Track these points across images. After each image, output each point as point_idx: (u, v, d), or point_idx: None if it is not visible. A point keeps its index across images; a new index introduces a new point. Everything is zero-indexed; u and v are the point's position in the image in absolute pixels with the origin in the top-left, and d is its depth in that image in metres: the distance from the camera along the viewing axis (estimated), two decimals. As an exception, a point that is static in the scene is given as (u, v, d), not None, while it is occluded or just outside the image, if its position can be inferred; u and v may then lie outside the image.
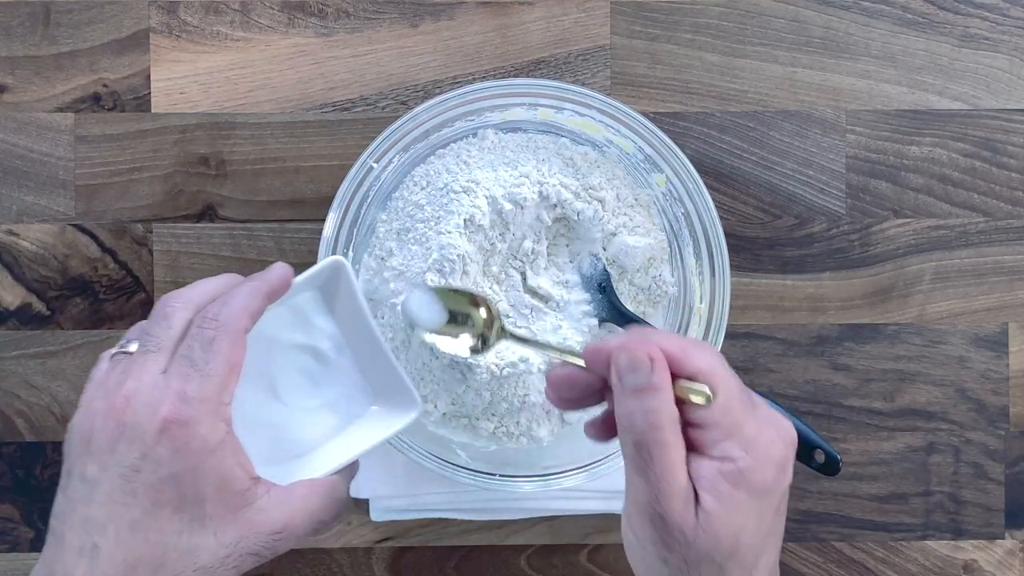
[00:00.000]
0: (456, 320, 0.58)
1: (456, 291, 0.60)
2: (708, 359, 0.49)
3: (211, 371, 0.50)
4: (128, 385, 0.50)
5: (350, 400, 0.58)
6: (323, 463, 0.56)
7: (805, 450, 0.60)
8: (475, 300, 0.59)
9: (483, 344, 0.59)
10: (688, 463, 0.48)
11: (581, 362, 0.51)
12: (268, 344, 0.57)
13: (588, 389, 0.51)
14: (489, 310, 0.59)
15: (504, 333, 0.58)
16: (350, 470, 0.57)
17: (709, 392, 0.48)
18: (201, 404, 0.49)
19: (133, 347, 0.52)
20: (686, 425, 0.48)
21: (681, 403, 0.48)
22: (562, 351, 0.54)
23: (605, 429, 0.52)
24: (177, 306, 0.52)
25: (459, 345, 0.59)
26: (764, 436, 0.49)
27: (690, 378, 0.48)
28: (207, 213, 0.73)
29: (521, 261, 0.68)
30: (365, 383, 0.59)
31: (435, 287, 0.61)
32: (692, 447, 0.49)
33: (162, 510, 0.48)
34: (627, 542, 0.51)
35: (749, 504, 0.48)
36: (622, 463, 0.65)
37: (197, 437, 0.49)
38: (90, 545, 0.48)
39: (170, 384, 0.49)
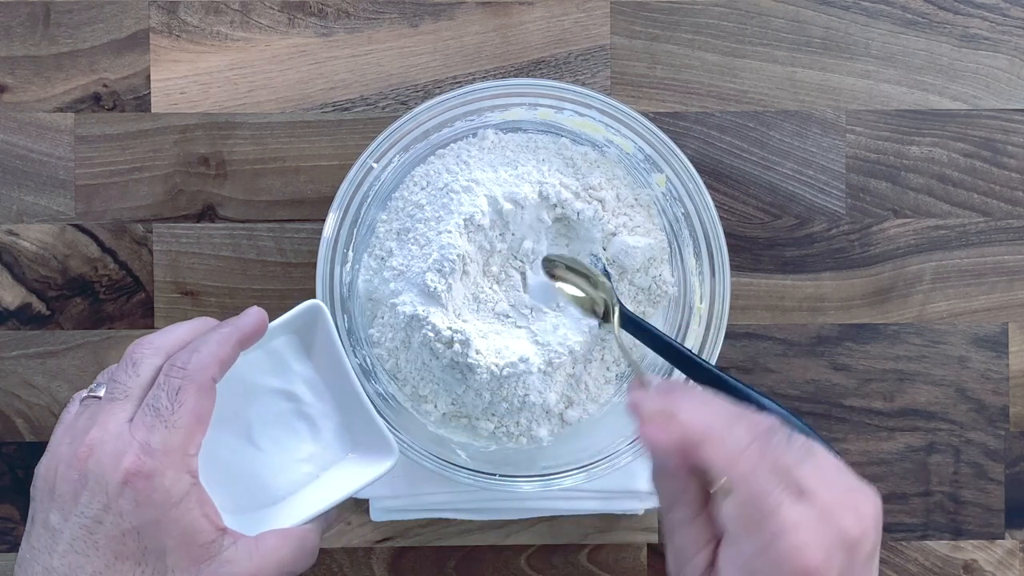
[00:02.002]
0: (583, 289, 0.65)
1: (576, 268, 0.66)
2: (726, 449, 0.46)
3: (176, 422, 0.49)
4: (93, 433, 0.49)
5: (326, 446, 0.58)
6: (295, 512, 0.55)
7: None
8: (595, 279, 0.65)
9: (604, 317, 0.65)
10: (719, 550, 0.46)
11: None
12: (244, 388, 0.56)
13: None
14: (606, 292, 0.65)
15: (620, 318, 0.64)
16: (324, 519, 0.56)
17: (729, 487, 0.46)
18: (165, 456, 0.48)
19: (101, 392, 0.51)
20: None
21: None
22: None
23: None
24: (147, 352, 0.52)
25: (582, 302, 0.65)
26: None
27: (705, 468, 0.47)
28: (207, 213, 0.73)
29: (521, 261, 0.68)
30: (343, 429, 0.59)
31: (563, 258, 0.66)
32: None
33: (123, 563, 0.48)
34: None
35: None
36: (622, 463, 0.65)
37: (160, 490, 0.48)
38: None
39: (134, 435, 0.49)
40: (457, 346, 0.64)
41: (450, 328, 0.64)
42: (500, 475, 0.65)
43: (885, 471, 0.74)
